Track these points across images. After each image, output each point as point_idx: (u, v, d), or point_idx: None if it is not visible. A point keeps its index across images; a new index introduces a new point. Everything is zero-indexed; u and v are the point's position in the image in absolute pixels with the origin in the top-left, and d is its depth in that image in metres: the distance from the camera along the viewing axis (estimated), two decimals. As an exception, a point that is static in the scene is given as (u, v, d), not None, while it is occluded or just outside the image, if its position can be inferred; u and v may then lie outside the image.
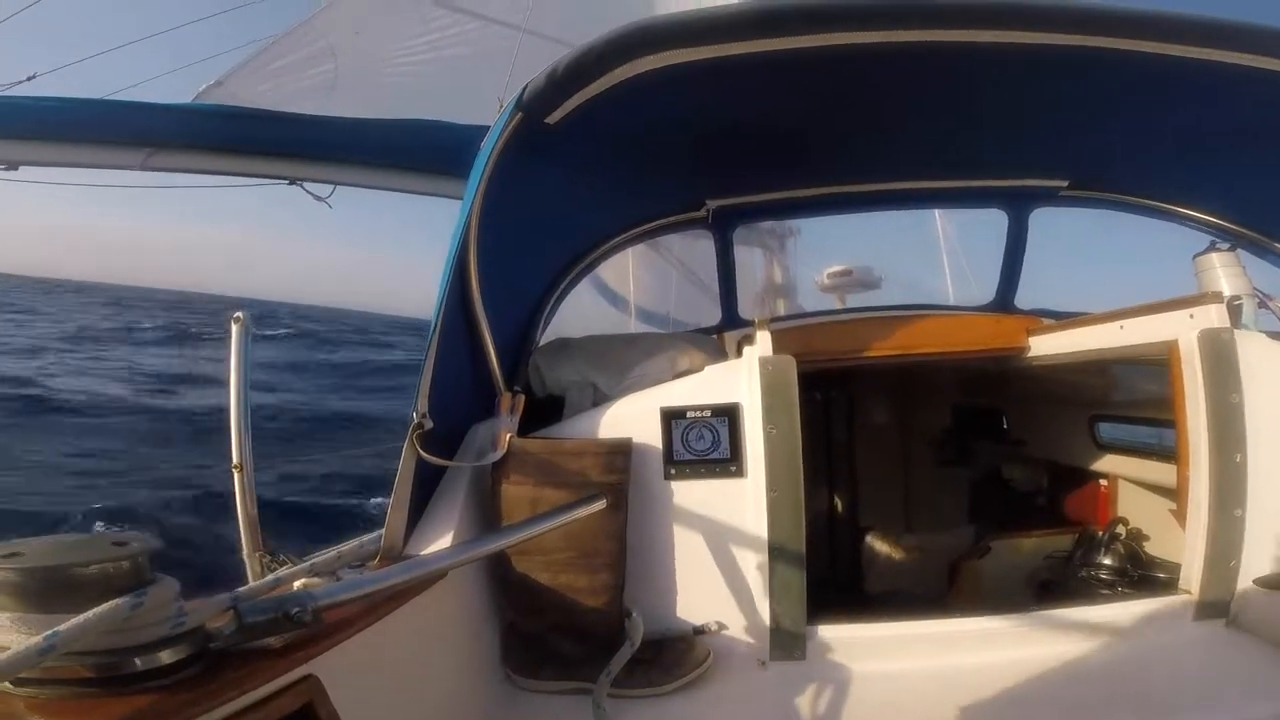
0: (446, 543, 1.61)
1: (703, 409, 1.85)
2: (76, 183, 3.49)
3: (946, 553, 3.00)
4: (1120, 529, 2.28)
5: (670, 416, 1.86)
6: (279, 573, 1.44)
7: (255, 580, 1.56)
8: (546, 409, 2.07)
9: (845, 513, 3.88)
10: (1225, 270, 2.39)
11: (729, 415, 1.85)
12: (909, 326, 2.68)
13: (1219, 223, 2.61)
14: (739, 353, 2.04)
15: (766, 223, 4.81)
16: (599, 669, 1.60)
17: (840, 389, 3.83)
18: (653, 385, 1.98)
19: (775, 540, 1.76)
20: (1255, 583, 1.72)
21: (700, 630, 1.80)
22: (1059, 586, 2.29)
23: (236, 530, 1.78)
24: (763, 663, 1.76)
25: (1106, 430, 2.85)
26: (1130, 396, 2.70)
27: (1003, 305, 3.07)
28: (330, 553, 1.57)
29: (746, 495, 1.81)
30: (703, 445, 1.84)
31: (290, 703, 1.02)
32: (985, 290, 3.17)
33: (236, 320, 1.76)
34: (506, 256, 2.01)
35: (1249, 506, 1.74)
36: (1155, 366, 2.00)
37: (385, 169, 3.10)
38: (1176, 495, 1.89)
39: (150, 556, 0.95)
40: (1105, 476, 2.80)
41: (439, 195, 3.01)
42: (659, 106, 1.85)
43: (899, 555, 3.45)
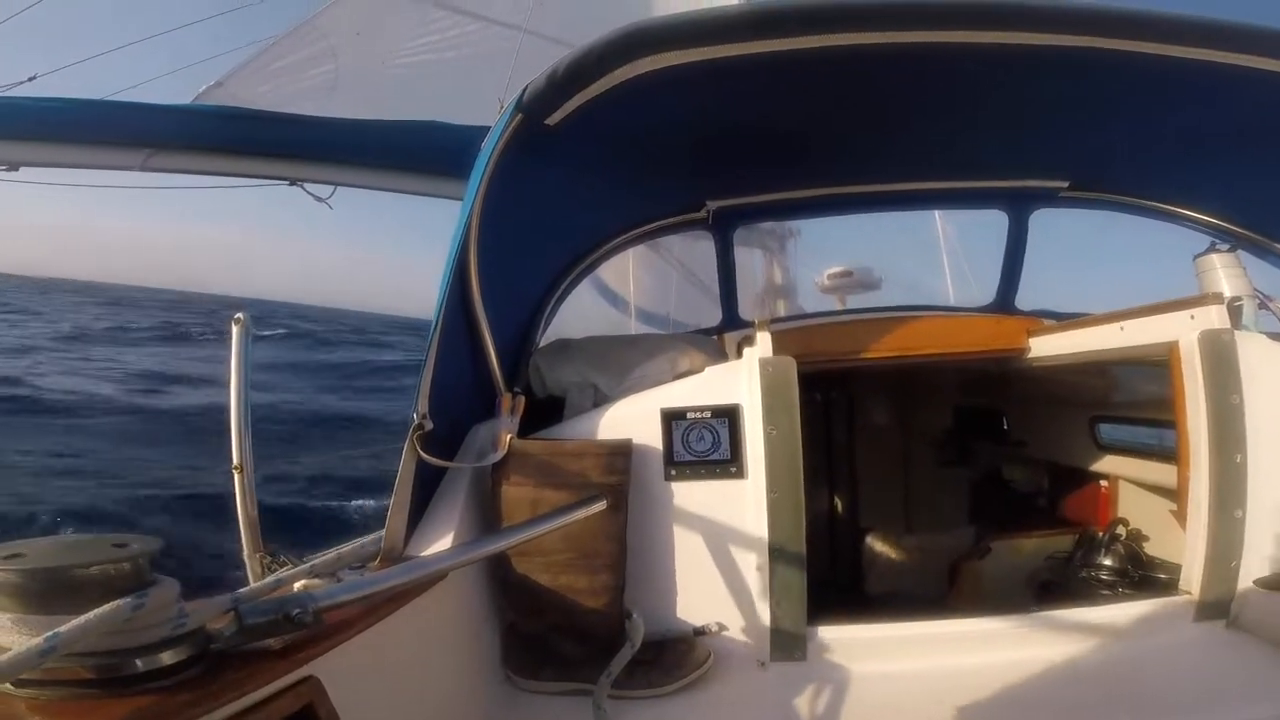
0: (447, 544, 1.61)
1: (703, 410, 1.85)
2: (77, 184, 3.49)
3: (947, 553, 3.00)
4: (1120, 530, 2.28)
5: (670, 417, 1.86)
6: (279, 574, 1.44)
7: (256, 581, 1.56)
8: (547, 410, 2.07)
9: (845, 513, 3.88)
10: (1226, 271, 2.39)
11: (729, 416, 1.85)
12: (909, 327, 2.68)
13: (1219, 224, 2.61)
14: (739, 354, 2.04)
15: (766, 224, 4.81)
16: (599, 670, 1.60)
17: (840, 390, 3.83)
18: (653, 386, 1.98)
19: (775, 541, 1.76)
20: (1256, 583, 1.72)
21: (700, 631, 1.79)
22: (1059, 587, 2.29)
23: (236, 531, 1.78)
24: (763, 664, 1.76)
25: (1107, 431, 2.85)
26: (1130, 397, 2.70)
27: (1003, 306, 3.07)
28: (330, 554, 1.57)
29: (747, 496, 1.81)
30: (703, 446, 1.84)
31: (291, 704, 1.02)
32: (986, 291, 3.18)
33: (237, 321, 1.76)
34: (507, 257, 2.02)
35: (1249, 507, 1.74)
36: (1156, 367, 2.00)
37: (386, 170, 3.10)
38: (1177, 496, 1.89)
39: (151, 558, 0.95)
40: (1105, 477, 2.80)
41: (439, 196, 3.01)
42: (659, 107, 1.85)
43: (899, 556, 3.45)
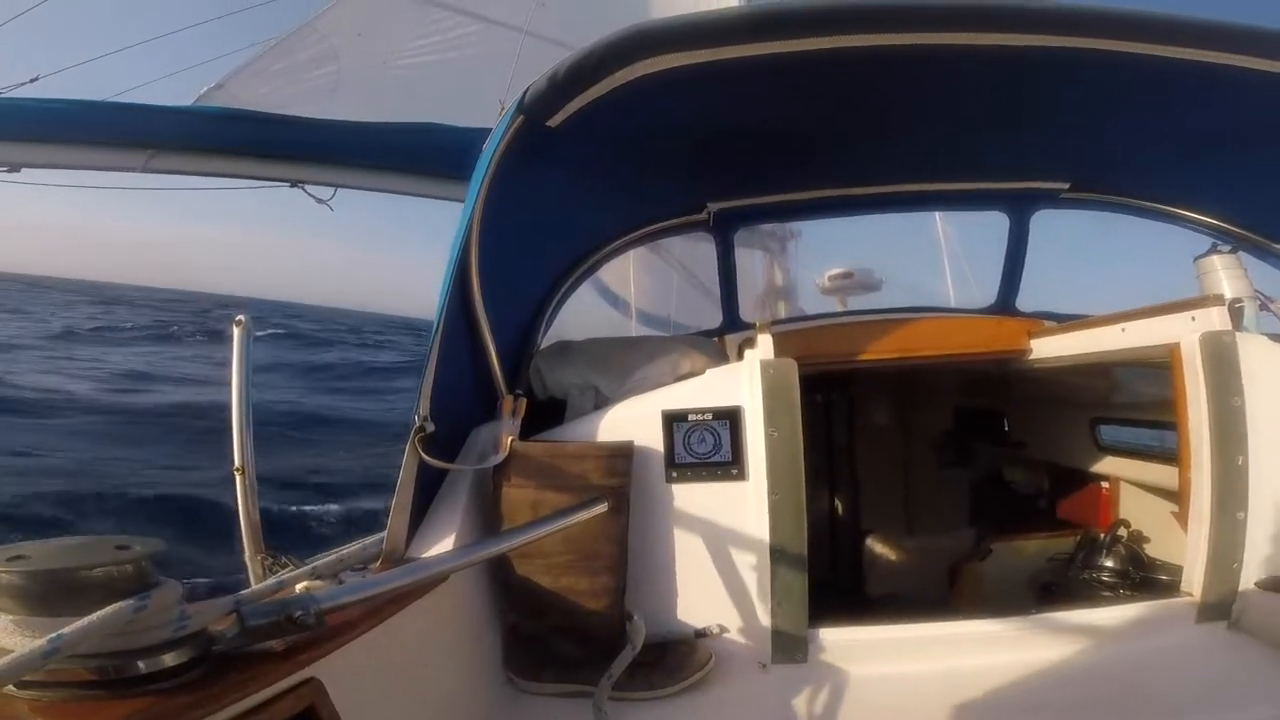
0: (448, 545, 1.61)
1: (704, 412, 1.86)
2: (79, 185, 3.50)
3: (947, 555, 2.99)
4: (1122, 531, 2.28)
5: (672, 419, 1.86)
6: (281, 575, 1.44)
7: (257, 583, 1.56)
8: (548, 412, 2.07)
9: (846, 515, 3.88)
10: (1227, 272, 2.39)
11: (730, 418, 1.85)
12: (910, 329, 2.68)
13: (1220, 225, 2.61)
14: (740, 356, 2.04)
15: (767, 225, 4.81)
16: (600, 672, 1.60)
17: (841, 391, 3.83)
18: (654, 388, 1.98)
19: (777, 543, 1.76)
20: (1257, 585, 1.72)
21: (702, 633, 1.79)
22: (1060, 589, 2.29)
23: (237, 532, 1.78)
24: (764, 665, 1.76)
25: (1108, 432, 2.84)
26: (1131, 399, 2.69)
27: (1004, 307, 3.07)
28: (332, 555, 1.57)
29: (748, 498, 1.81)
30: (704, 448, 1.84)
31: (292, 705, 1.02)
32: (986, 293, 3.18)
33: (238, 323, 1.76)
34: (508, 259, 2.02)
35: (1251, 509, 1.74)
36: (1157, 369, 2.00)
37: (387, 171, 3.11)
38: (1178, 497, 1.89)
39: (154, 559, 0.95)
40: (1106, 479, 2.79)
41: (440, 198, 3.01)
42: (659, 109, 1.86)
43: (900, 557, 3.44)
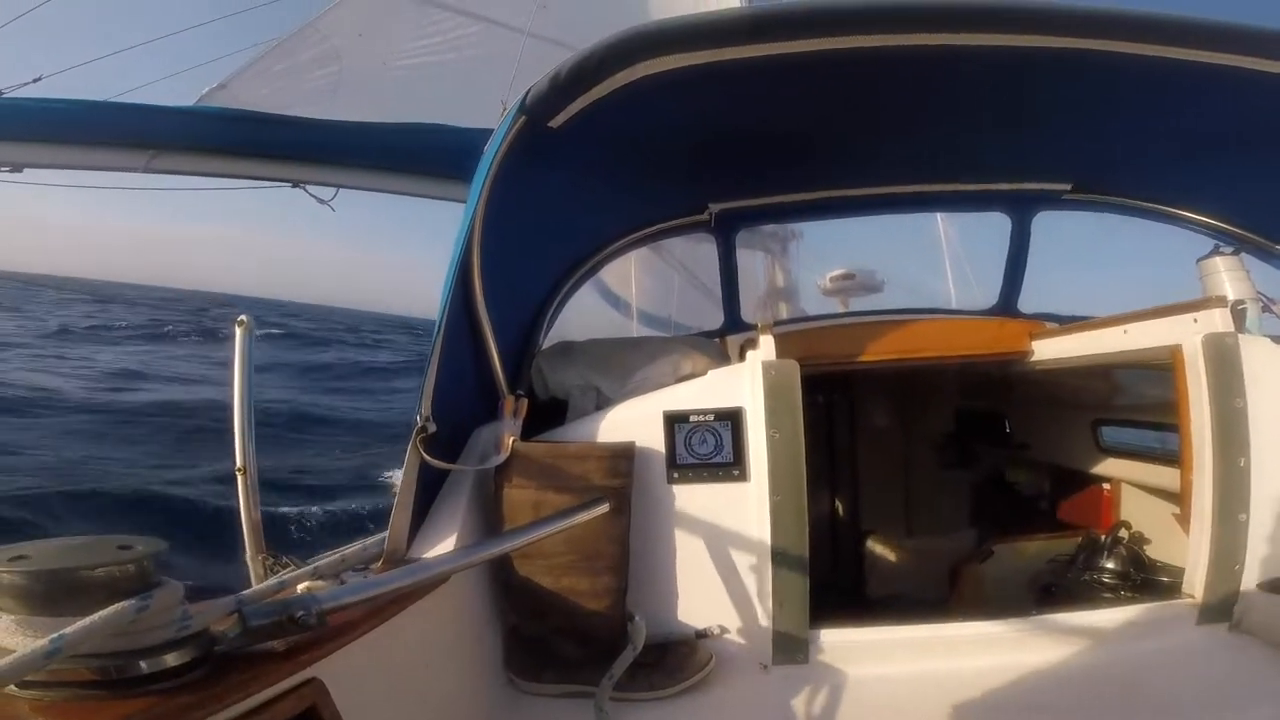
0: (449, 546, 1.62)
1: (706, 413, 1.85)
2: (80, 185, 3.50)
3: (948, 556, 2.99)
4: (1123, 533, 2.28)
5: (673, 420, 1.86)
6: (283, 575, 1.43)
7: (259, 583, 1.56)
8: (549, 412, 2.07)
9: (847, 516, 3.87)
10: (1229, 274, 2.39)
11: (732, 419, 1.85)
12: (912, 330, 2.68)
13: (1223, 226, 2.61)
14: (742, 357, 2.04)
15: (769, 226, 4.81)
16: (601, 672, 1.59)
17: (842, 392, 3.82)
18: (655, 389, 1.98)
19: (778, 544, 1.76)
20: (1259, 586, 1.72)
21: (703, 634, 1.79)
22: (1061, 590, 2.28)
23: (239, 532, 1.78)
24: (765, 666, 1.76)
25: (1109, 434, 2.84)
26: (1133, 400, 2.69)
27: (1006, 309, 3.07)
28: (334, 555, 1.57)
29: (749, 499, 1.81)
30: (705, 449, 1.84)
31: (294, 706, 1.02)
32: (988, 294, 3.18)
33: (240, 323, 1.76)
34: (509, 260, 2.02)
35: (1252, 510, 1.73)
36: (1158, 371, 2.00)
37: (388, 172, 3.11)
38: (1180, 499, 1.89)
39: (156, 559, 0.95)
40: (1108, 480, 2.79)
41: (442, 198, 3.01)
42: (661, 110, 1.86)
43: (900, 559, 3.44)
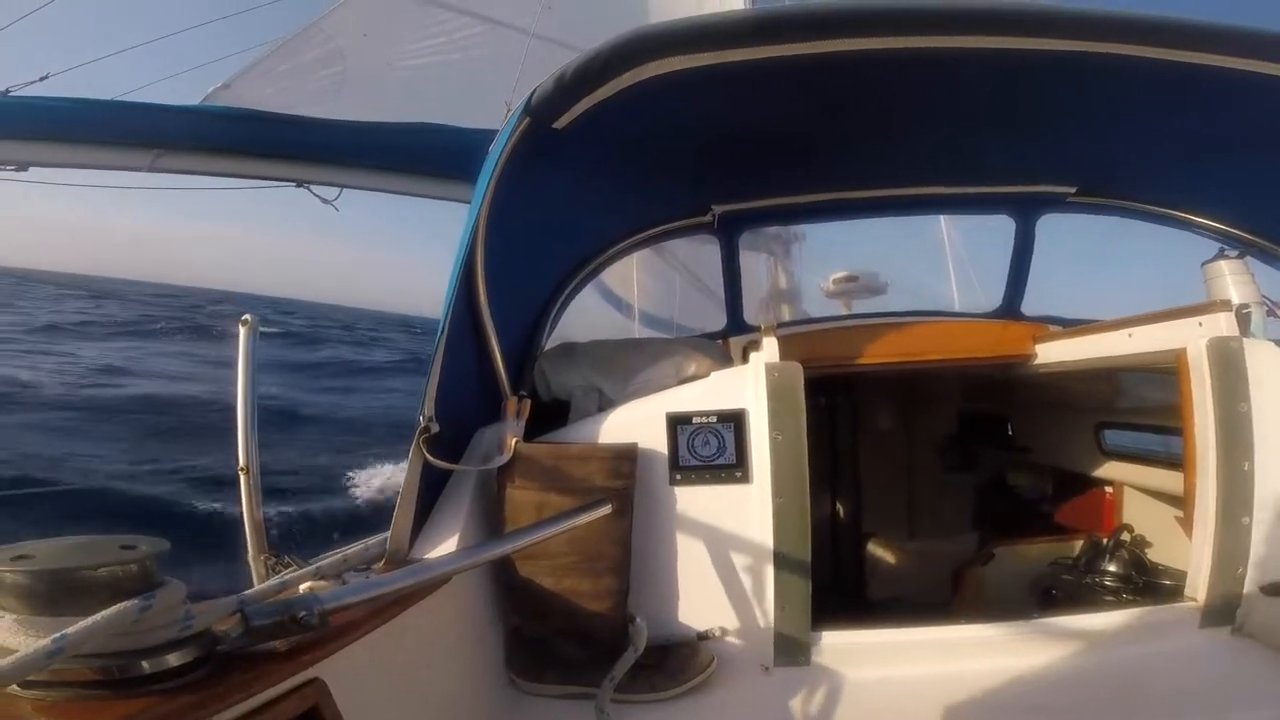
0: (452, 546, 1.62)
1: (708, 415, 1.85)
2: (84, 184, 3.51)
3: (950, 559, 2.99)
4: (1125, 536, 2.28)
5: (676, 422, 1.86)
6: (285, 575, 1.44)
7: (261, 583, 1.57)
8: (552, 413, 2.07)
9: (849, 518, 3.87)
10: (1234, 278, 2.39)
11: (735, 421, 1.85)
12: (915, 332, 2.68)
13: (1228, 229, 2.61)
14: (745, 358, 2.04)
15: (772, 228, 4.81)
16: (603, 674, 1.59)
17: (845, 394, 3.82)
18: (658, 390, 1.99)
19: (780, 546, 1.76)
20: (1262, 590, 1.71)
21: (704, 636, 1.79)
22: (1063, 593, 2.28)
23: (242, 532, 1.79)
24: (766, 668, 1.75)
25: (1112, 437, 2.84)
26: (1136, 404, 2.69)
27: (1009, 312, 3.07)
28: (336, 555, 1.57)
29: (752, 501, 1.81)
30: (708, 451, 1.84)
31: (296, 706, 1.02)
32: (992, 296, 3.17)
33: (244, 323, 1.76)
34: (513, 260, 2.02)
35: (1256, 514, 1.73)
36: (1162, 374, 1.99)
37: (392, 172, 3.11)
38: (1183, 502, 1.88)
39: (158, 559, 0.95)
40: (1110, 483, 2.79)
41: (446, 199, 3.01)
42: (665, 112, 1.86)
43: (902, 561, 3.44)
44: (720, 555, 1.82)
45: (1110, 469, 2.79)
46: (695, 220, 2.92)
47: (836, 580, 3.57)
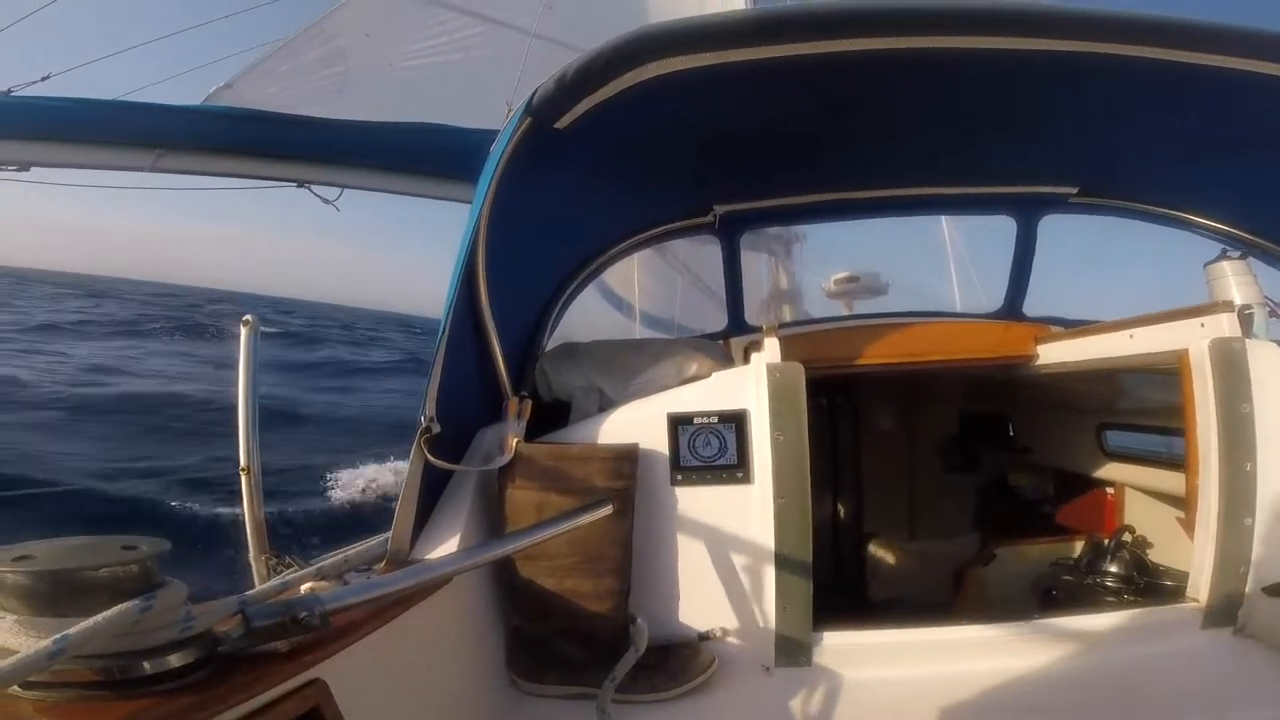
0: (453, 547, 1.61)
1: (710, 415, 1.85)
2: (86, 184, 3.51)
3: (951, 560, 2.99)
4: (1127, 536, 2.28)
5: (677, 422, 1.86)
6: (286, 576, 1.44)
7: (262, 583, 1.57)
8: (553, 414, 2.07)
9: (850, 519, 3.87)
10: (1236, 279, 2.39)
11: (736, 421, 1.84)
12: (916, 333, 2.68)
13: (1230, 230, 2.60)
14: (746, 359, 2.04)
15: (773, 228, 4.81)
16: (604, 674, 1.59)
17: (846, 395, 3.82)
18: (659, 391, 1.98)
19: (781, 547, 1.76)
20: (1264, 591, 1.71)
21: (705, 636, 1.79)
22: (1064, 594, 2.28)
23: (242, 532, 1.79)
24: (768, 669, 1.75)
25: (1113, 438, 2.84)
26: (1138, 404, 2.69)
27: (1011, 312, 3.07)
28: (337, 556, 1.57)
29: (753, 502, 1.81)
30: (710, 451, 1.84)
31: (297, 706, 1.02)
32: (993, 297, 3.17)
33: (245, 323, 1.77)
34: (514, 261, 2.02)
35: (1258, 515, 1.73)
36: (1163, 375, 1.99)
37: (393, 172, 3.11)
38: (1185, 503, 1.88)
39: (159, 559, 0.95)
40: (1112, 484, 2.79)
41: (447, 199, 3.02)
42: (666, 112, 1.86)
43: (903, 562, 3.44)
44: (721, 556, 1.82)
45: (1112, 470, 2.79)
46: (697, 220, 2.92)
47: (838, 581, 3.57)
